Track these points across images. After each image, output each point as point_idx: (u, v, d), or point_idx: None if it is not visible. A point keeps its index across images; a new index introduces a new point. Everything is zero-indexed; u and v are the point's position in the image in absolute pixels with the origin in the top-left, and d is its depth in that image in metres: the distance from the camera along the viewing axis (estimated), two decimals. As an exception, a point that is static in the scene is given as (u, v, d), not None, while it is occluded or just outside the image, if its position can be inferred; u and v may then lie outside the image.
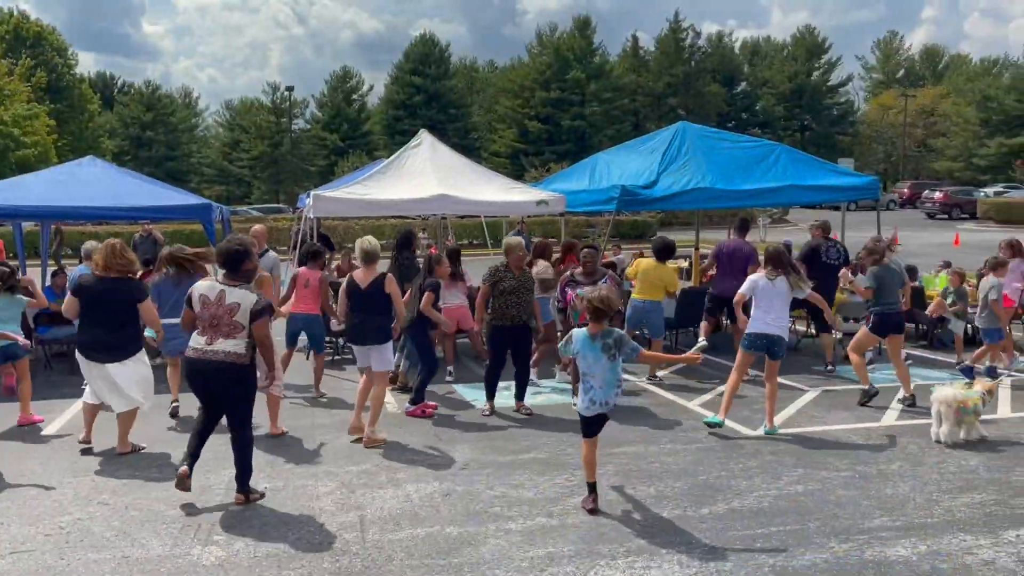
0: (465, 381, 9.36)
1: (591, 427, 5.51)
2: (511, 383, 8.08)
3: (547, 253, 9.90)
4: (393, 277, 7.30)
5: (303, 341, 8.95)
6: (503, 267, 8.00)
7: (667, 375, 9.49)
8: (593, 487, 5.51)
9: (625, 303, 9.48)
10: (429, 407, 7.95)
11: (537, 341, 8.86)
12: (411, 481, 6.08)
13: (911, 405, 8.02)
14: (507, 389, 8.15)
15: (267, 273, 8.06)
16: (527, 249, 9.01)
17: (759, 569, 4.64)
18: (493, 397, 8.00)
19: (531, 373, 8.55)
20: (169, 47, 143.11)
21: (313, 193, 11.06)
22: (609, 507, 5.54)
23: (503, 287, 7.87)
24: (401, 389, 8.75)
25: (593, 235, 24.72)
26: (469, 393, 8.80)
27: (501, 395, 8.10)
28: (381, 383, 7.15)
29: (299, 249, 10.06)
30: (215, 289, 5.55)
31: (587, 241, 11.46)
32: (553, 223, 24.04)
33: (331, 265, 13.14)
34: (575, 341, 5.50)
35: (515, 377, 8.03)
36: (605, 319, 5.41)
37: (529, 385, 8.29)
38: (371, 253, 7.20)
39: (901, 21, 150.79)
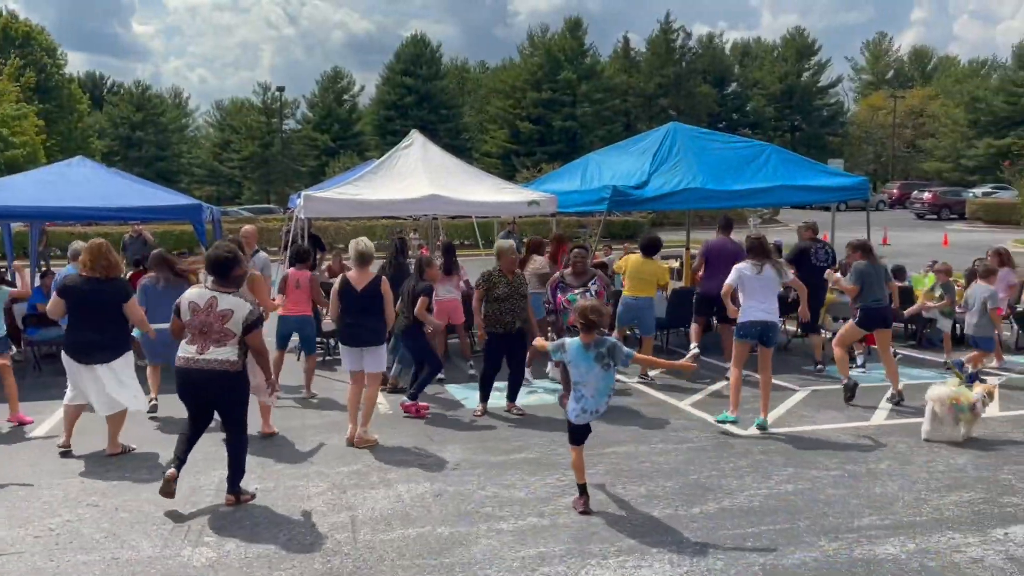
0: (456, 381, 9.36)
1: (579, 435, 5.53)
2: (504, 383, 8.08)
3: (541, 250, 9.98)
4: (387, 280, 7.30)
5: (294, 342, 8.94)
6: (496, 272, 8.00)
7: (658, 375, 9.52)
8: (584, 488, 5.52)
9: (616, 301, 9.52)
10: (423, 407, 7.95)
11: (530, 343, 8.87)
12: (402, 481, 6.08)
13: (899, 403, 8.08)
14: (499, 390, 8.16)
15: (259, 272, 8.04)
16: (518, 251, 9.03)
17: (749, 568, 4.66)
18: (486, 400, 8.00)
19: (526, 372, 8.56)
20: (159, 47, 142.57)
21: (304, 193, 11.04)
22: (600, 507, 5.55)
23: (496, 294, 7.88)
24: (391, 391, 8.75)
25: (584, 235, 24.76)
26: (460, 393, 8.81)
27: (492, 396, 8.10)
28: (373, 384, 7.15)
29: (289, 250, 10.05)
30: (205, 296, 5.51)
31: (578, 242, 11.48)
32: (544, 223, 24.02)
33: (322, 266, 13.11)
34: (568, 350, 5.46)
35: (508, 379, 8.04)
36: (596, 329, 5.41)
37: (523, 384, 8.31)
38: (365, 255, 7.19)
39: (890, 23, 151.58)
